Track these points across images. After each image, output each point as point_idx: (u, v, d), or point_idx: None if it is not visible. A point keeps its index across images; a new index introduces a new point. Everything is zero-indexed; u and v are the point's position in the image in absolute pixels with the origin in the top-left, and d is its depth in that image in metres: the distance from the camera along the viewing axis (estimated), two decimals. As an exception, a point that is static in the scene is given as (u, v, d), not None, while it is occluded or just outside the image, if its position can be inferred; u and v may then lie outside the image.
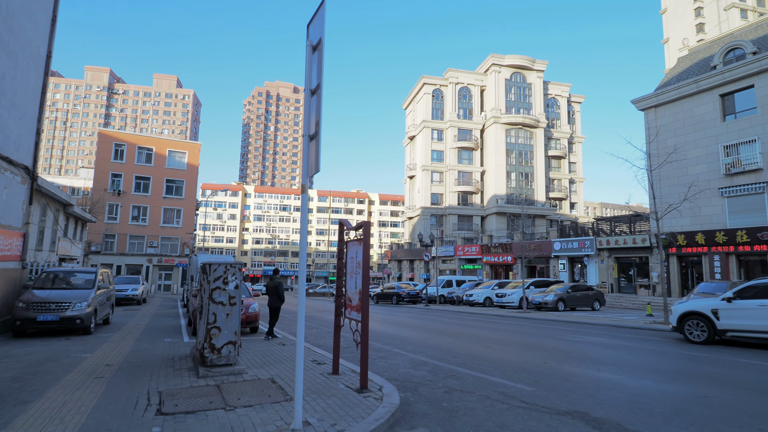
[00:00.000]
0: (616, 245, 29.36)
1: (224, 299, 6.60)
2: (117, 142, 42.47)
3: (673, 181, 26.99)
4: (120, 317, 16.08)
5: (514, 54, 58.99)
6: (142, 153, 43.22)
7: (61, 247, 26.55)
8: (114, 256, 40.74)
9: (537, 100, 59.56)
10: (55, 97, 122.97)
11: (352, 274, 6.17)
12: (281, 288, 10.76)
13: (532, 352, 9.48)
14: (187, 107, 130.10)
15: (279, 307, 10.67)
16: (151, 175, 43.04)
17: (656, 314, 20.51)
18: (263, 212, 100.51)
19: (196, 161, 45.16)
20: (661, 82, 29.34)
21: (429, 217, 57.35)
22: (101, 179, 41.23)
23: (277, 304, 10.63)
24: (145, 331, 12.00)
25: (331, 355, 7.91)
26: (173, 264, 42.70)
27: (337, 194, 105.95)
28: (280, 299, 10.64)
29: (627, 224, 30.34)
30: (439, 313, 22.12)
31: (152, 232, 42.51)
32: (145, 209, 42.63)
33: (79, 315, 10.69)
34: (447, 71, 59.96)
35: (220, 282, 6.61)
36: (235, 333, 6.62)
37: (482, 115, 59.91)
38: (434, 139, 59.17)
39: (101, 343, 9.79)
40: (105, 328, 12.75)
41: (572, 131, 63.06)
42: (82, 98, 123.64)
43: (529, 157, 58.22)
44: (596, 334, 13.04)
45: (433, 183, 58.28)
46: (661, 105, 28.05)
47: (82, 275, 12.39)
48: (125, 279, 24.96)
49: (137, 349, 8.97)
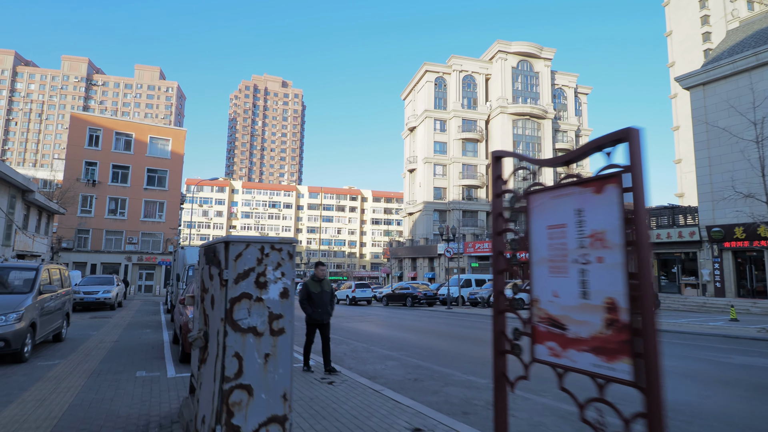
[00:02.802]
0: (658, 239, 26.27)
1: (260, 322, 2.96)
2: (92, 126, 38.04)
3: (727, 167, 23.98)
4: (81, 329, 12.20)
5: (521, 41, 55.90)
6: (120, 139, 38.85)
7: (20, 241, 22.29)
8: (88, 253, 36.34)
9: (544, 89, 56.60)
10: (29, 88, 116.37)
11: (566, 263, 2.52)
12: (334, 294, 7.06)
13: (729, 388, 5.99)
14: (171, 100, 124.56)
15: (329, 325, 6.94)
16: (130, 163, 38.69)
17: (741, 318, 17.21)
18: (251, 209, 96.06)
19: (181, 149, 40.96)
20: (709, 58, 26.34)
21: (432, 213, 53.93)
22: (74, 167, 36.77)
23: (327, 320, 6.96)
24: (111, 355, 8.23)
25: (438, 417, 4.36)
26: (155, 263, 38.44)
27: (328, 190, 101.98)
28: (329, 312, 6.90)
29: (668, 217, 27.29)
30: (478, 318, 18.62)
31: (131, 227, 38.19)
32: (124, 202, 38.28)
33: (3, 335, 6.90)
34: (450, 58, 56.60)
35: (251, 283, 2.96)
36: (283, 396, 2.97)
37: (487, 104, 56.71)
38: (437, 129, 55.74)
39: (30, 383, 6.02)
40: (52, 349, 8.92)
41: (579, 123, 60.29)
42: (58, 89, 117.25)
43: (536, 150, 55.21)
44: (729, 351, 9.63)
45: (435, 176, 54.84)
46: (710, 82, 25.04)
47: (19, 273, 8.56)
48: (96, 279, 20.93)
49: (85, 400, 5.23)
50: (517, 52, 55.75)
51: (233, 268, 2.91)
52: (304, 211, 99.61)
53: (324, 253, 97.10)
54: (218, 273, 2.99)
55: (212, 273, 3.15)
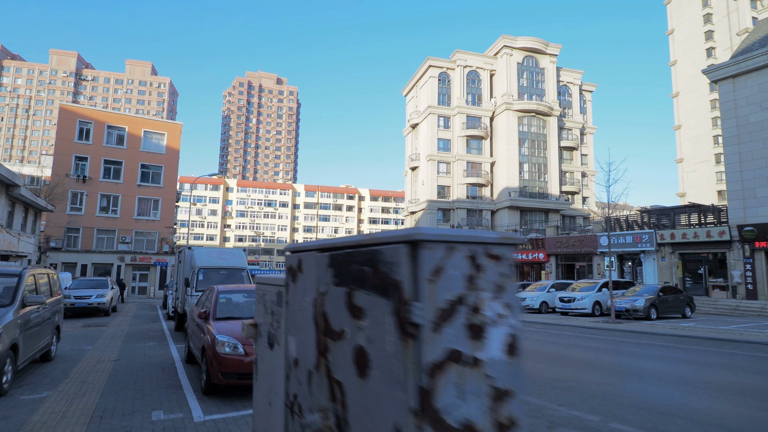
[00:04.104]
0: (684, 239, 25.02)
1: (478, 411, 1.40)
2: (82, 119, 36.04)
3: (760, 164, 22.79)
4: (73, 342, 10.53)
5: (526, 36, 54.64)
6: (112, 133, 36.89)
7: (3, 240, 20.44)
8: (78, 253, 34.35)
9: (550, 86, 55.41)
10: (16, 82, 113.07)
11: None
12: None
13: None
14: (163, 96, 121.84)
15: None
16: (123, 159, 36.74)
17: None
18: (247, 207, 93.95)
19: (176, 144, 39.07)
20: (738, 50, 25.13)
21: (435, 212, 52.48)
22: (63, 162, 34.76)
23: None
24: (113, 382, 6.61)
25: None
26: (150, 263, 36.53)
27: (325, 189, 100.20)
28: None
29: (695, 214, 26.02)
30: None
31: (124, 226, 36.25)
32: (116, 199, 36.33)
33: (-28, 363, 5.26)
34: (455, 53, 55.16)
35: (461, 329, 1.40)
36: None
37: (492, 101, 55.38)
38: (440, 126, 54.28)
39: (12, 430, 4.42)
40: (40, 373, 7.27)
41: (584, 121, 59.22)
42: (46, 84, 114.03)
43: (542, 148, 53.99)
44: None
45: (439, 174, 53.39)
46: (741, 74, 23.81)
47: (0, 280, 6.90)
48: (88, 282, 19.16)
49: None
50: (523, 48, 54.49)
51: (429, 297, 1.36)
52: (300, 210, 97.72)
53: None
54: (393, 309, 1.43)
55: (364, 306, 1.59)
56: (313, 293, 1.97)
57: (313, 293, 1.98)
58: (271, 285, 2.71)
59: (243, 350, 5.59)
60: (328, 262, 1.80)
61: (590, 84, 61.22)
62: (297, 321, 2.16)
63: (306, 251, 2.10)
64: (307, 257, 2.07)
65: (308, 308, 2.01)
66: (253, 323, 2.98)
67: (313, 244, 2.01)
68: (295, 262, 2.24)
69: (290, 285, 2.30)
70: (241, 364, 5.47)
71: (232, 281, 11.39)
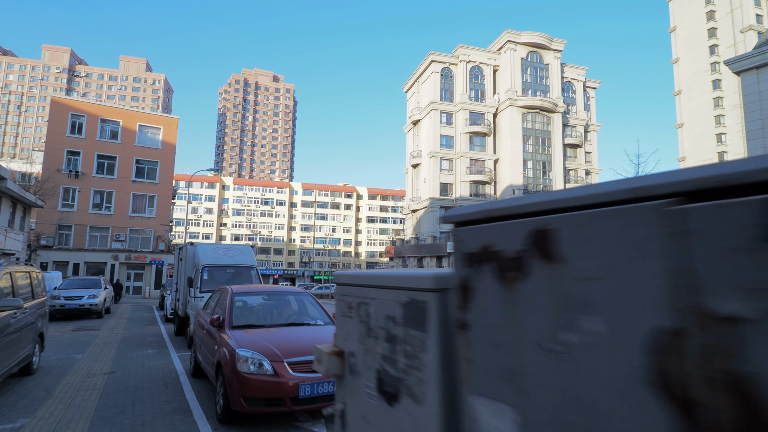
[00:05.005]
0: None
1: None
2: (74, 112, 34.61)
3: (786, 158, 21.80)
4: (60, 349, 9.29)
5: (530, 31, 53.64)
6: (106, 127, 35.48)
7: (-12, 237, 19.08)
8: (70, 251, 32.92)
9: (554, 82, 54.44)
10: (7, 78, 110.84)
11: None
12: None
13: None
14: (158, 92, 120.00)
15: None
16: (117, 153, 35.34)
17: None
18: (243, 206, 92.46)
19: (173, 139, 37.70)
20: (762, 40, 24.14)
21: (438, 210, 51.34)
22: (54, 156, 33.32)
23: None
24: (105, 404, 5.40)
25: None
26: (145, 262, 35.16)
27: (322, 187, 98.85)
28: None
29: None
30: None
31: (119, 223, 34.85)
32: (110, 195, 34.93)
33: None
34: (457, 48, 54.05)
35: None
36: None
37: (495, 97, 54.32)
38: (443, 123, 53.16)
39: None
40: (16, 391, 6.05)
41: (588, 118, 58.32)
42: (38, 80, 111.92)
43: (546, 145, 53.02)
44: None
45: (441, 171, 52.28)
46: (766, 65, 22.84)
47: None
48: (80, 282, 17.86)
49: None
50: (527, 43, 53.46)
51: None
52: (297, 208, 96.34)
53: (318, 252, 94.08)
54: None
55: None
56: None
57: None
58: (386, 288, 1.52)
59: (271, 369, 4.41)
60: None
61: (594, 80, 60.36)
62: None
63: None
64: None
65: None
66: (336, 350, 1.80)
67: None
68: (521, 235, 1.05)
69: (480, 288, 1.12)
70: (269, 387, 4.30)
71: (239, 281, 10.19)
